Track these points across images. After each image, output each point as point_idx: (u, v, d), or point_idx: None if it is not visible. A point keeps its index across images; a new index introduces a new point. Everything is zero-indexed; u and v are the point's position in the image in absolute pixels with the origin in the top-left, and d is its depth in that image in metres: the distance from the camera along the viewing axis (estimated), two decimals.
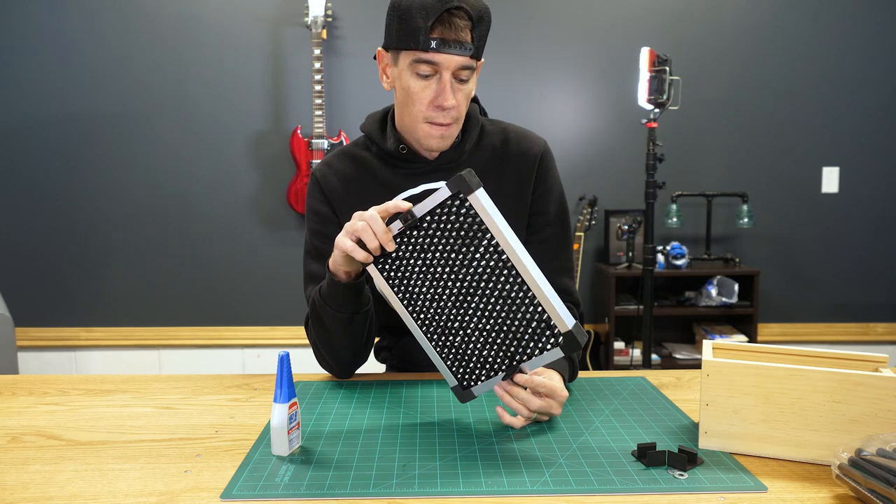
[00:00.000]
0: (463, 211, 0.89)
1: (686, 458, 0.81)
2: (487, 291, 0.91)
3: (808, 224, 3.38)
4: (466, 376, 0.97)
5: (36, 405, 1.08)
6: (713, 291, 3.12)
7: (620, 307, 3.14)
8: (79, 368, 3.35)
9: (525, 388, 0.93)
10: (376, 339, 1.38)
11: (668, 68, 2.55)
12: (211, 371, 3.35)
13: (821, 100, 3.32)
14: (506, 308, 0.91)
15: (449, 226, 0.91)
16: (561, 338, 0.88)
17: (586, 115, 3.32)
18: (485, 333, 0.93)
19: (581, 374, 1.21)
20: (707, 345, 0.94)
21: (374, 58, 1.19)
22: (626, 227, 3.18)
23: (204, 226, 3.31)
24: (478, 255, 0.90)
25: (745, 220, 3.17)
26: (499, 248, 0.89)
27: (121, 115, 3.25)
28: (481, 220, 0.88)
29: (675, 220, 3.17)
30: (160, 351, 3.36)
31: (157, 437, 0.94)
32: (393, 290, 0.97)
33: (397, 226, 0.94)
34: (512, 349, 0.92)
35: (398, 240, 0.94)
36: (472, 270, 0.91)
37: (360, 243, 0.97)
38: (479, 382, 0.96)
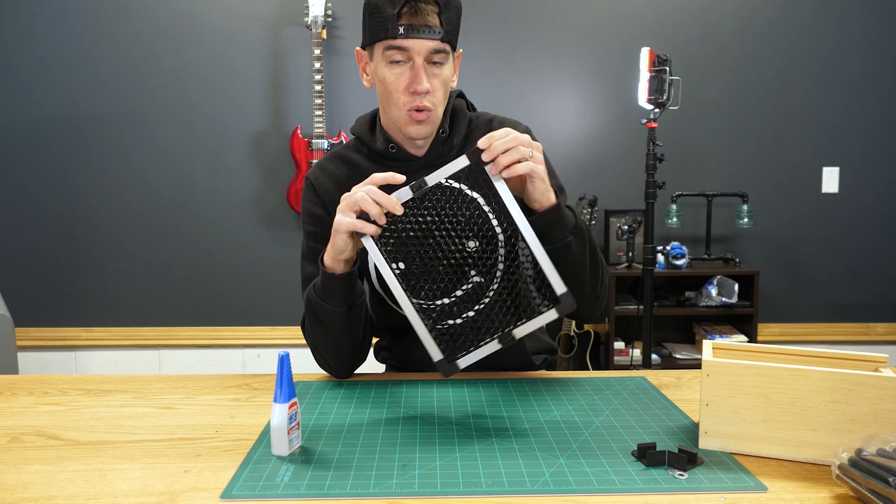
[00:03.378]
0: (474, 179, 0.93)
1: (686, 458, 0.81)
2: (490, 259, 0.95)
3: (808, 224, 3.38)
4: (453, 348, 0.99)
5: (36, 405, 1.08)
6: (713, 291, 3.12)
7: (620, 307, 3.14)
8: (79, 368, 3.35)
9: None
10: (376, 340, 1.39)
11: (668, 68, 2.55)
12: (211, 371, 3.35)
13: (821, 100, 3.32)
14: (508, 274, 0.94)
15: (455, 196, 0.94)
16: (557, 300, 0.93)
17: (586, 116, 3.32)
18: (481, 301, 0.96)
19: (581, 374, 1.21)
20: (707, 345, 0.94)
21: (357, 61, 1.21)
22: (626, 227, 3.18)
23: (204, 226, 3.31)
24: (484, 225, 0.94)
25: (745, 220, 3.17)
26: (507, 217, 0.92)
27: (120, 114, 3.25)
28: (491, 191, 0.92)
29: (675, 220, 3.17)
30: (160, 351, 3.36)
31: (157, 437, 0.94)
32: (386, 261, 0.97)
33: (406, 194, 0.94)
34: (508, 314, 0.95)
35: (414, 192, 0.95)
36: (476, 240, 0.95)
37: (363, 216, 0.97)
38: (466, 354, 0.98)
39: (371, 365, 1.28)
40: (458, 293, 0.96)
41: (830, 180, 3.36)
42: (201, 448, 0.90)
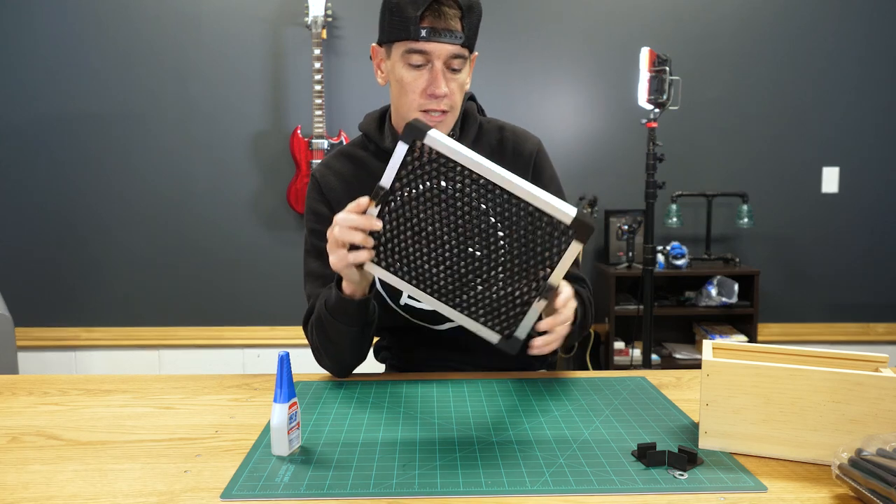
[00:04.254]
0: (426, 159, 0.87)
1: (686, 458, 0.81)
2: (485, 226, 0.89)
3: (808, 224, 3.38)
4: (504, 325, 0.95)
5: (36, 405, 1.08)
6: (713, 291, 3.12)
7: (620, 307, 3.14)
8: (79, 368, 3.35)
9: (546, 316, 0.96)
10: (376, 339, 1.39)
11: (668, 68, 2.55)
12: (211, 371, 3.35)
13: (821, 100, 3.32)
14: (510, 232, 0.89)
15: (421, 182, 0.89)
16: (571, 230, 0.87)
17: (586, 116, 3.32)
18: (501, 269, 0.91)
19: (581, 373, 1.21)
20: (707, 345, 0.94)
21: (371, 57, 1.21)
22: (626, 227, 3.18)
23: (204, 226, 3.31)
24: (460, 195, 0.88)
25: (745, 220, 3.17)
26: (476, 178, 0.87)
27: (120, 115, 3.25)
28: (447, 159, 0.87)
29: (675, 220, 3.17)
30: (160, 351, 3.36)
31: (157, 437, 0.94)
32: (399, 276, 0.95)
33: (371, 209, 0.92)
34: (533, 269, 0.90)
35: (380, 204, 0.91)
36: (462, 214, 0.89)
37: (352, 247, 0.95)
38: (518, 324, 0.94)
39: (371, 365, 1.28)
40: (456, 253, 0.92)
41: (830, 180, 3.36)
42: (201, 448, 0.90)
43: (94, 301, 3.32)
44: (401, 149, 0.87)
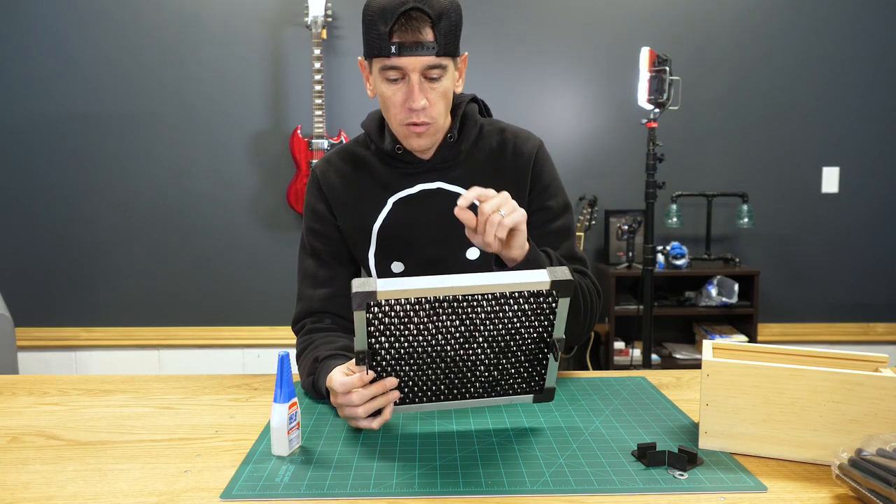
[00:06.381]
0: (388, 310, 0.87)
1: (686, 458, 0.82)
2: (472, 327, 0.91)
3: (808, 224, 3.38)
4: (529, 386, 0.98)
5: (36, 405, 1.08)
6: (713, 291, 3.12)
7: (620, 307, 3.13)
8: (79, 368, 3.35)
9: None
10: None
11: (668, 68, 2.55)
12: (211, 371, 3.34)
13: (821, 100, 3.32)
14: (497, 321, 0.90)
15: (396, 328, 0.89)
16: (555, 291, 0.89)
17: (586, 115, 3.32)
18: (501, 355, 0.94)
19: (581, 373, 1.22)
20: (707, 345, 0.94)
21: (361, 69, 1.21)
22: (626, 227, 3.18)
23: (204, 226, 3.31)
24: (435, 319, 0.89)
25: (745, 220, 3.17)
26: (443, 298, 0.88)
27: (120, 114, 3.25)
28: (408, 299, 0.87)
29: (675, 220, 3.17)
30: (160, 351, 3.36)
31: (157, 437, 0.94)
32: (416, 403, 0.97)
33: (359, 368, 0.92)
34: (533, 336, 0.92)
35: (368, 367, 0.91)
36: (445, 332, 0.90)
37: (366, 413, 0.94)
38: (544, 379, 0.98)
39: None
40: (452, 354, 0.93)
41: (830, 180, 3.36)
42: (201, 448, 0.90)
43: (94, 301, 3.32)
44: (359, 316, 0.86)
